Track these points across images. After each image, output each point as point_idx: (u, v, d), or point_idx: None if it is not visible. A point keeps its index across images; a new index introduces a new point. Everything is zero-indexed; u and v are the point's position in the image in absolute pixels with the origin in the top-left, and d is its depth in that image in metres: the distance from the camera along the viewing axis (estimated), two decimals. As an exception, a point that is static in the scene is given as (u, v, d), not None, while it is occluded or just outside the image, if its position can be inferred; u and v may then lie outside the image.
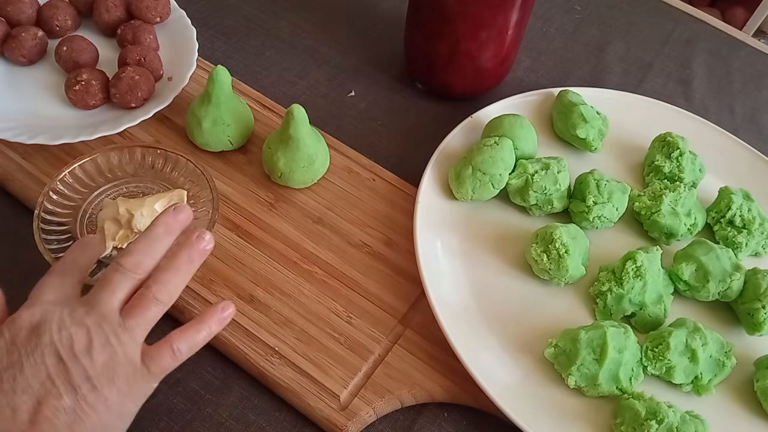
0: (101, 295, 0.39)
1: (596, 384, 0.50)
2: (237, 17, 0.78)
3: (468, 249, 0.58)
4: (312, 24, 0.79)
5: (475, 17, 0.63)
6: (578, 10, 0.88)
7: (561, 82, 0.78)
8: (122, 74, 0.59)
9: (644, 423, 0.47)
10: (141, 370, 0.39)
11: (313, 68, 0.74)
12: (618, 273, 0.54)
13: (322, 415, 0.49)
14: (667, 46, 0.86)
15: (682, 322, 0.53)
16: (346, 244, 0.58)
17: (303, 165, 0.58)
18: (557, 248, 0.54)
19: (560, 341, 0.51)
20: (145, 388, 0.40)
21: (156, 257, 0.41)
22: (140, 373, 0.39)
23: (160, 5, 0.67)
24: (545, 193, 0.59)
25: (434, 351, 0.53)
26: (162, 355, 0.40)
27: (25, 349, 0.36)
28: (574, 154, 0.66)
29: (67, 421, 0.36)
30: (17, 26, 0.63)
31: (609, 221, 0.60)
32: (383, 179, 0.63)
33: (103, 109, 0.61)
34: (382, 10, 0.82)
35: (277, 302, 0.54)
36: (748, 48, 0.88)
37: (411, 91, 0.74)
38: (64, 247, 0.51)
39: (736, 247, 0.60)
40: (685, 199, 0.60)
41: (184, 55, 0.65)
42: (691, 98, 0.80)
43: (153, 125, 0.63)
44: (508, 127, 0.61)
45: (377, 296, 0.55)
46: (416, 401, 0.52)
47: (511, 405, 0.49)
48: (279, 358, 0.51)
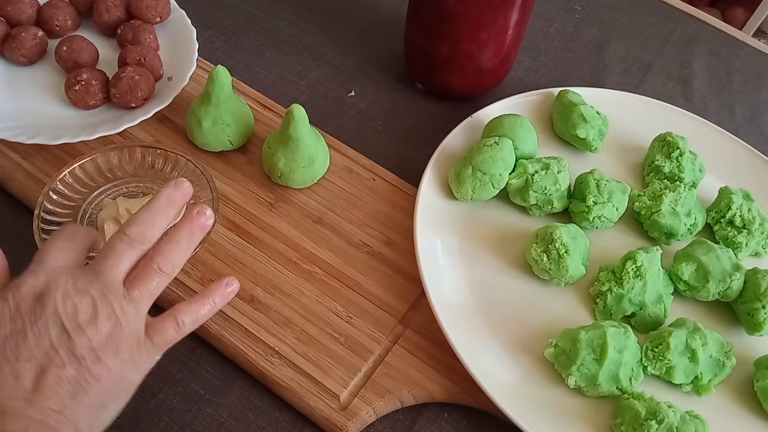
0: (105, 264, 0.39)
1: (596, 384, 0.50)
2: (237, 17, 0.78)
3: (468, 249, 0.58)
4: (312, 24, 0.79)
5: (475, 17, 0.63)
6: (578, 10, 0.88)
7: (561, 82, 0.78)
8: (122, 74, 0.59)
9: (644, 423, 0.47)
10: (145, 342, 0.39)
11: (313, 68, 0.74)
12: (618, 273, 0.54)
13: (322, 415, 0.49)
14: (667, 46, 0.86)
15: (682, 322, 0.53)
16: (346, 244, 0.58)
17: (303, 165, 0.58)
18: (557, 248, 0.54)
19: (560, 341, 0.51)
20: (148, 360, 0.40)
21: (160, 228, 0.41)
22: (144, 345, 0.39)
23: (160, 5, 0.67)
24: (545, 193, 0.59)
25: (434, 351, 0.53)
26: (166, 328, 0.40)
27: (30, 318, 0.36)
28: (574, 154, 0.66)
29: (70, 391, 0.36)
30: (17, 26, 0.63)
31: (609, 221, 0.60)
32: (383, 179, 0.63)
33: (103, 109, 0.61)
34: (382, 10, 0.82)
35: (277, 302, 0.54)
36: (748, 48, 0.88)
37: (411, 91, 0.74)
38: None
39: (736, 247, 0.60)
40: (685, 199, 0.60)
41: (184, 55, 0.65)
42: (691, 98, 0.80)
43: (153, 125, 0.63)
44: (508, 127, 0.61)
45: (377, 296, 0.55)
46: (416, 401, 0.52)
47: (511, 405, 0.49)
48: (279, 358, 0.51)
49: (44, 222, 0.51)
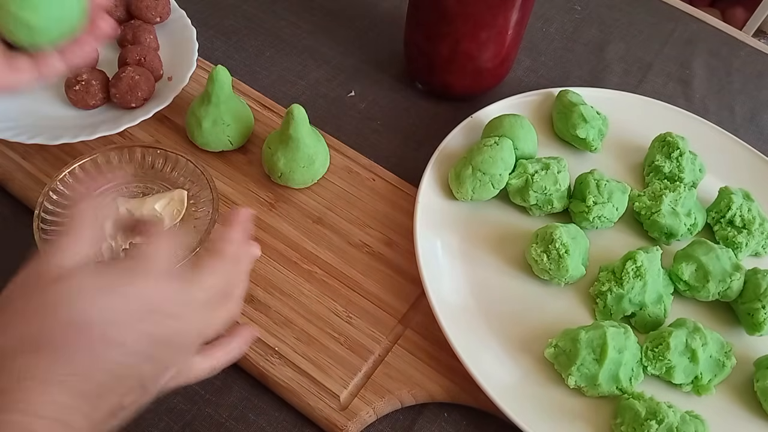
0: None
1: (596, 384, 0.50)
2: (237, 17, 0.78)
3: (468, 249, 0.58)
4: (312, 24, 0.79)
5: (475, 17, 0.63)
6: (578, 10, 0.88)
7: (561, 82, 0.78)
8: (122, 74, 0.59)
9: (644, 423, 0.47)
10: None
11: (313, 68, 0.74)
12: (618, 273, 0.54)
13: (322, 415, 0.49)
14: (667, 46, 0.86)
15: (682, 322, 0.53)
16: (346, 244, 0.58)
17: (303, 165, 0.58)
18: (557, 248, 0.54)
19: (560, 341, 0.51)
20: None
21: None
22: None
23: (160, 5, 0.67)
24: (545, 193, 0.59)
25: (434, 351, 0.53)
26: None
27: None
28: (574, 154, 0.66)
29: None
30: (17, 26, 0.63)
31: (609, 221, 0.60)
32: (383, 179, 0.63)
33: (102, 109, 0.61)
34: (382, 10, 0.82)
35: (277, 302, 0.54)
36: (748, 48, 0.88)
37: (411, 91, 0.74)
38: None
39: (736, 247, 0.60)
40: (685, 199, 0.60)
41: (184, 55, 0.65)
42: (691, 98, 0.80)
43: (153, 125, 0.63)
44: (508, 127, 0.61)
45: (377, 296, 0.55)
46: (416, 401, 0.52)
47: (511, 405, 0.49)
48: (279, 358, 0.51)
49: (44, 222, 0.51)
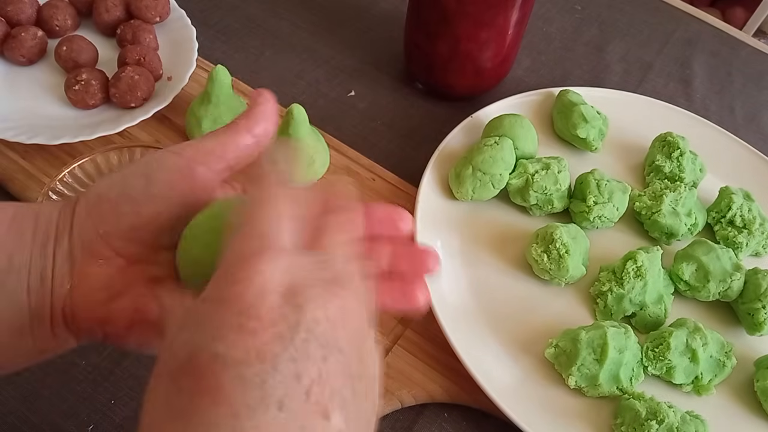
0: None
1: (597, 384, 0.50)
2: (237, 17, 0.78)
3: (468, 249, 0.58)
4: (312, 24, 0.79)
5: (475, 17, 0.63)
6: (578, 10, 0.88)
7: (561, 82, 0.77)
8: (122, 74, 0.59)
9: (644, 423, 0.47)
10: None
11: (313, 68, 0.74)
12: (618, 273, 0.54)
13: (322, 415, 0.49)
14: (668, 46, 0.86)
15: (682, 322, 0.53)
16: (346, 244, 0.58)
17: (303, 165, 0.58)
18: (557, 248, 0.54)
19: (560, 341, 0.51)
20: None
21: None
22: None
23: (160, 5, 0.67)
24: (545, 193, 0.59)
25: (434, 351, 0.53)
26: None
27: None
28: (574, 154, 0.66)
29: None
30: (17, 26, 0.63)
31: (609, 221, 0.60)
32: (383, 179, 0.63)
33: (102, 108, 0.61)
34: (382, 10, 0.82)
35: (277, 302, 0.53)
36: (749, 48, 0.88)
37: (411, 91, 0.74)
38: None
39: (737, 247, 0.60)
40: (686, 199, 0.60)
41: (184, 54, 0.65)
42: (691, 98, 0.80)
43: (153, 125, 0.63)
44: (508, 127, 0.61)
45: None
46: (416, 401, 0.51)
47: (511, 405, 0.49)
48: (279, 358, 0.51)
49: (44, 222, 0.51)
